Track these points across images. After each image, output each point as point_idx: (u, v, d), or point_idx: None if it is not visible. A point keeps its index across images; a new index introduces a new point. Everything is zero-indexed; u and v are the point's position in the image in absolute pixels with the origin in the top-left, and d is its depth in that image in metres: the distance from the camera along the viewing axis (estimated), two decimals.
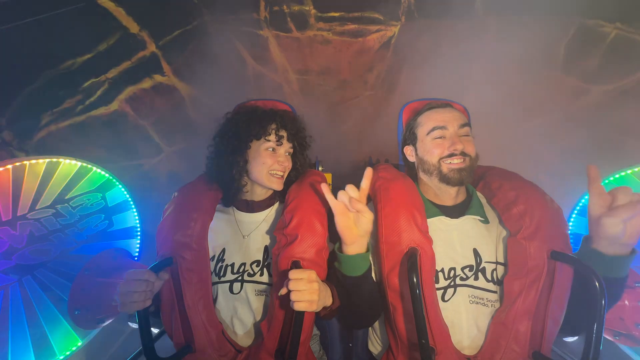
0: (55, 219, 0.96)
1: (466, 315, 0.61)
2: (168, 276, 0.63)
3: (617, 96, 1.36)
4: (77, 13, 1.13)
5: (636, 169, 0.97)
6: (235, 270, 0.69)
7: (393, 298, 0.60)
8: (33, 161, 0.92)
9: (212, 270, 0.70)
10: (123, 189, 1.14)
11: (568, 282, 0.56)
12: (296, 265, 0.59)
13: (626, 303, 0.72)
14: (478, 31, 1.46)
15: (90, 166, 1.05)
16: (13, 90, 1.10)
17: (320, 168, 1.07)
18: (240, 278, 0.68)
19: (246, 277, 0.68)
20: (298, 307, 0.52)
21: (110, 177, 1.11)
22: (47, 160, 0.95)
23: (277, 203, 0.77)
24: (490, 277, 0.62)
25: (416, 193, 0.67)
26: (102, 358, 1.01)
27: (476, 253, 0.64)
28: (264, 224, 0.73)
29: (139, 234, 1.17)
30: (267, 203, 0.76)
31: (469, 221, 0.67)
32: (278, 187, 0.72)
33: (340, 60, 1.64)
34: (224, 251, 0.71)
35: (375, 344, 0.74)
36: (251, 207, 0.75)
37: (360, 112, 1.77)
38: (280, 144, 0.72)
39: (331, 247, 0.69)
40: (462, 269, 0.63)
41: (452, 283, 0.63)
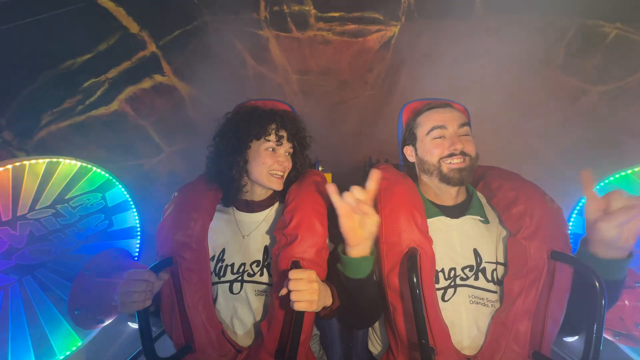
0: (55, 219, 0.96)
1: (466, 315, 0.61)
2: (168, 276, 0.63)
3: (617, 96, 1.36)
4: (77, 13, 1.13)
5: (636, 169, 0.97)
6: (235, 270, 0.69)
7: (393, 298, 0.60)
8: (33, 161, 0.92)
9: (212, 270, 0.70)
10: (123, 189, 1.14)
11: (568, 282, 0.56)
12: (296, 265, 0.59)
13: (626, 303, 0.72)
14: (478, 31, 1.46)
15: (90, 166, 1.05)
16: (13, 90, 1.10)
17: (320, 168, 1.07)
18: (240, 278, 0.68)
19: (246, 277, 0.68)
20: (298, 307, 0.52)
21: (110, 177, 1.11)
22: (47, 160, 0.95)
23: (277, 203, 0.77)
24: (490, 278, 0.62)
25: (416, 193, 0.67)
26: (102, 358, 1.01)
27: (476, 253, 0.64)
28: (264, 224, 0.73)
29: (139, 234, 1.17)
30: (267, 203, 0.76)
31: (469, 221, 0.67)
32: (278, 187, 0.72)
33: (340, 60, 1.64)
34: (224, 251, 0.71)
35: (375, 344, 0.74)
36: (251, 207, 0.75)
37: (360, 112, 1.77)
38: (280, 144, 0.72)
39: (331, 247, 0.69)
40: (462, 269, 0.63)
41: (452, 283, 0.63)
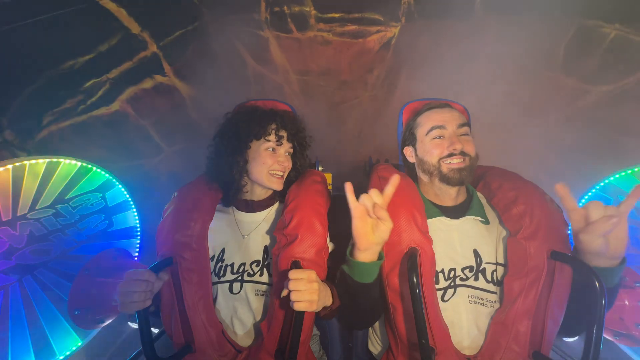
0: (55, 219, 0.96)
1: (466, 315, 0.61)
2: (168, 277, 0.63)
3: (617, 96, 1.36)
4: (79, 14, 1.13)
5: (636, 169, 0.97)
6: (234, 270, 0.69)
7: (393, 298, 0.60)
8: (33, 161, 0.92)
9: (212, 270, 0.69)
10: (123, 189, 1.15)
11: (568, 282, 0.56)
12: (296, 265, 0.59)
13: (626, 303, 0.72)
14: (478, 32, 1.46)
15: (90, 166, 1.06)
16: (15, 90, 1.10)
17: (320, 168, 1.07)
18: (240, 278, 0.68)
19: (246, 277, 0.68)
20: (298, 307, 0.52)
21: (110, 177, 1.11)
22: (47, 160, 0.95)
23: (277, 203, 0.77)
24: (490, 278, 0.62)
25: (416, 193, 0.67)
26: (102, 358, 1.01)
27: (476, 254, 0.64)
28: (264, 224, 0.73)
29: (139, 234, 1.17)
30: (267, 203, 0.76)
31: (469, 222, 0.67)
32: (278, 187, 0.72)
33: (340, 61, 1.64)
34: (224, 251, 0.71)
35: (375, 344, 0.74)
36: (251, 207, 0.75)
37: (360, 113, 1.77)
38: (280, 144, 0.72)
39: (331, 247, 0.69)
40: (462, 270, 0.63)
41: (452, 283, 0.63)
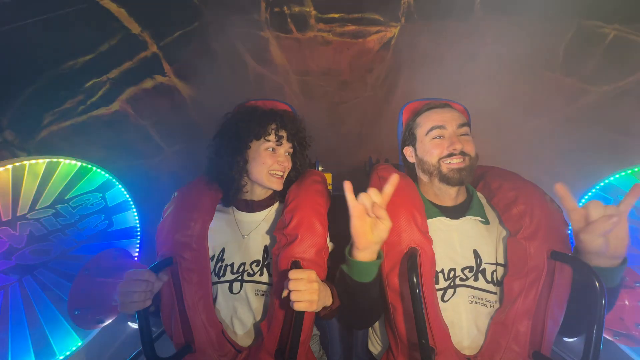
0: (55, 219, 0.96)
1: (466, 315, 0.61)
2: (167, 278, 0.63)
3: (617, 96, 1.36)
4: (79, 14, 1.13)
5: (636, 169, 0.98)
6: (234, 270, 0.69)
7: (393, 298, 0.60)
8: (33, 161, 0.92)
9: (212, 270, 0.69)
10: (123, 189, 1.15)
11: (568, 282, 0.56)
12: (296, 265, 0.59)
13: (626, 303, 0.72)
14: (478, 32, 1.46)
15: (90, 166, 1.06)
16: (15, 90, 1.10)
17: (320, 168, 1.07)
18: (239, 278, 0.68)
19: (246, 277, 0.68)
20: (298, 307, 0.52)
21: (110, 177, 1.11)
22: (47, 160, 0.95)
23: (277, 203, 0.77)
24: (490, 279, 0.62)
25: (416, 193, 0.67)
26: (102, 358, 1.01)
27: (476, 254, 0.64)
28: (264, 224, 0.73)
29: (139, 234, 1.17)
30: (267, 203, 0.76)
31: (469, 222, 0.67)
32: (278, 187, 0.73)
33: (340, 61, 1.64)
34: (224, 251, 0.71)
35: (375, 344, 0.74)
36: (251, 207, 0.75)
37: (360, 113, 1.77)
38: (280, 144, 0.73)
39: (331, 247, 0.69)
40: (462, 270, 0.63)
41: (452, 284, 0.63)
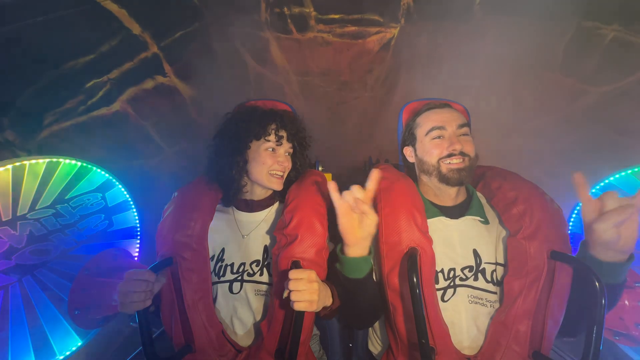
0: (55, 219, 0.96)
1: (466, 315, 0.61)
2: (166, 279, 0.63)
3: (616, 97, 1.36)
4: (81, 15, 1.13)
5: (636, 169, 0.98)
6: (234, 270, 0.69)
7: (393, 298, 0.60)
8: (33, 161, 0.92)
9: (212, 270, 0.69)
10: (123, 189, 1.15)
11: (568, 282, 0.56)
12: (296, 265, 0.59)
13: (626, 303, 0.72)
14: (477, 32, 1.47)
15: (90, 166, 1.06)
16: (16, 90, 1.11)
17: (320, 168, 1.07)
18: (239, 278, 0.68)
19: (246, 277, 0.68)
20: (298, 307, 0.52)
21: (110, 177, 1.11)
22: (47, 160, 0.95)
23: (277, 203, 0.77)
24: (490, 278, 0.63)
25: (416, 193, 0.68)
26: (102, 358, 1.01)
27: (476, 254, 0.64)
28: (264, 224, 0.73)
29: (139, 234, 1.18)
30: (267, 203, 0.76)
31: (469, 222, 0.67)
32: (278, 187, 0.73)
33: (340, 61, 1.65)
34: (224, 251, 0.71)
35: (375, 344, 0.74)
36: (251, 207, 0.75)
37: (360, 113, 1.77)
38: (280, 144, 0.73)
39: (331, 247, 0.69)
40: (462, 270, 0.63)
41: (452, 283, 0.63)
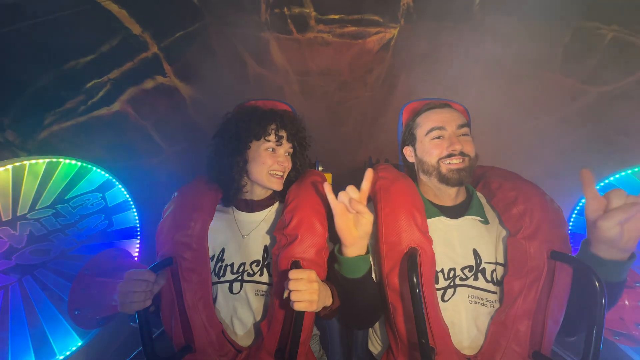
0: (55, 219, 0.96)
1: (466, 315, 0.61)
2: (165, 280, 0.63)
3: (616, 97, 1.36)
4: (81, 15, 1.14)
5: (636, 169, 0.98)
6: (234, 270, 0.69)
7: (393, 298, 0.60)
8: (33, 161, 0.92)
9: (212, 270, 0.69)
10: (123, 189, 1.15)
11: (568, 282, 0.56)
12: (296, 265, 0.59)
13: (626, 303, 0.72)
14: (477, 33, 1.47)
15: (90, 166, 1.06)
16: (16, 90, 1.11)
17: (320, 168, 1.07)
18: (239, 278, 0.68)
19: (246, 277, 0.68)
20: (298, 307, 0.52)
21: (110, 177, 1.12)
22: (47, 160, 0.96)
23: (277, 203, 0.77)
24: (490, 278, 0.63)
25: (416, 193, 0.68)
26: (102, 358, 1.01)
27: (476, 254, 0.64)
28: (264, 224, 0.73)
29: (139, 234, 1.18)
30: (267, 203, 0.76)
31: (469, 222, 0.67)
32: (278, 187, 0.73)
33: (340, 61, 1.65)
34: (224, 251, 0.71)
35: (375, 344, 0.74)
36: (251, 207, 0.75)
37: (360, 113, 1.77)
38: (280, 144, 0.72)
39: (331, 247, 0.69)
40: (462, 270, 0.63)
41: (452, 283, 0.63)
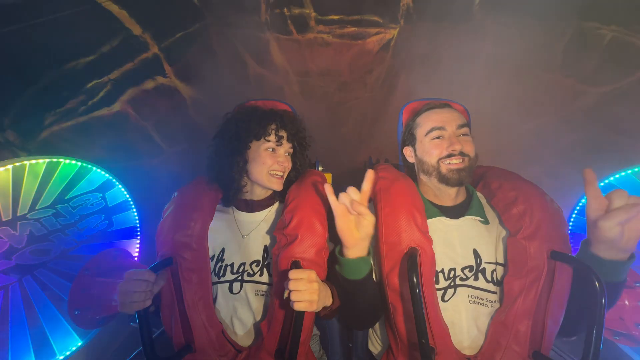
0: (55, 219, 0.96)
1: (466, 315, 0.61)
2: (165, 280, 0.63)
3: (615, 97, 1.37)
4: (81, 15, 1.14)
5: (636, 169, 0.98)
6: (234, 270, 0.69)
7: (393, 298, 0.60)
8: (33, 161, 0.92)
9: (212, 270, 0.70)
10: (123, 189, 1.15)
11: (568, 282, 0.56)
12: (296, 265, 0.59)
13: (626, 303, 0.72)
14: (476, 33, 1.47)
15: (90, 166, 1.06)
16: (17, 90, 1.11)
17: (320, 168, 1.07)
18: (239, 278, 0.68)
19: (246, 277, 0.68)
20: (298, 307, 0.52)
21: (110, 177, 1.12)
22: (47, 160, 0.96)
23: (277, 203, 0.77)
24: (490, 278, 0.63)
25: (416, 193, 0.68)
26: (102, 358, 1.01)
27: (476, 254, 0.64)
28: (264, 224, 0.73)
29: (139, 234, 1.18)
30: (267, 203, 0.76)
31: (469, 222, 0.67)
32: (278, 188, 0.73)
33: (340, 62, 1.65)
34: (224, 251, 0.71)
35: (375, 344, 0.74)
36: (251, 207, 0.75)
37: (360, 113, 1.78)
38: (280, 144, 0.73)
39: (331, 247, 0.69)
40: (462, 270, 0.63)
41: (452, 283, 0.63)
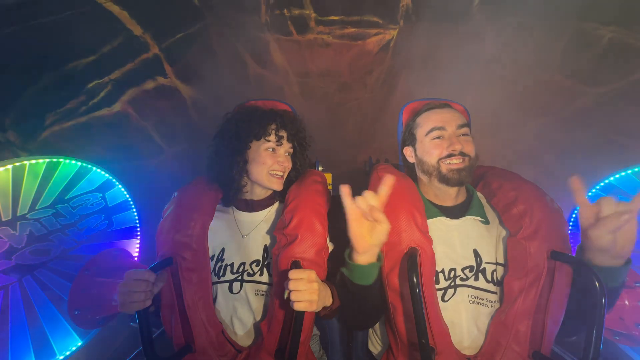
0: (55, 219, 0.96)
1: (466, 315, 0.61)
2: (165, 280, 0.62)
3: (615, 97, 1.37)
4: (82, 16, 1.14)
5: (636, 169, 0.98)
6: (234, 270, 0.69)
7: (393, 298, 0.60)
8: (33, 161, 0.92)
9: (212, 269, 0.70)
10: (123, 189, 1.15)
11: (568, 282, 0.56)
12: (296, 265, 0.59)
13: (626, 303, 0.72)
14: (476, 34, 1.48)
15: (90, 166, 1.06)
16: (18, 90, 1.11)
17: (320, 168, 1.07)
18: (239, 278, 0.68)
19: (246, 277, 0.68)
20: (298, 307, 0.52)
21: (110, 177, 1.12)
22: (47, 160, 0.96)
23: (277, 203, 0.77)
24: (490, 278, 0.63)
25: (416, 193, 0.68)
26: (102, 358, 1.01)
27: (476, 254, 0.64)
28: (264, 224, 0.73)
29: (139, 234, 1.18)
30: (267, 203, 0.76)
31: (469, 222, 0.67)
32: (278, 188, 0.73)
33: (340, 62, 1.66)
34: (224, 251, 0.71)
35: (375, 344, 0.74)
36: (251, 207, 0.75)
37: (360, 113, 1.78)
38: (280, 144, 0.73)
39: (331, 247, 0.69)
40: (462, 270, 0.63)
41: (452, 283, 0.63)
